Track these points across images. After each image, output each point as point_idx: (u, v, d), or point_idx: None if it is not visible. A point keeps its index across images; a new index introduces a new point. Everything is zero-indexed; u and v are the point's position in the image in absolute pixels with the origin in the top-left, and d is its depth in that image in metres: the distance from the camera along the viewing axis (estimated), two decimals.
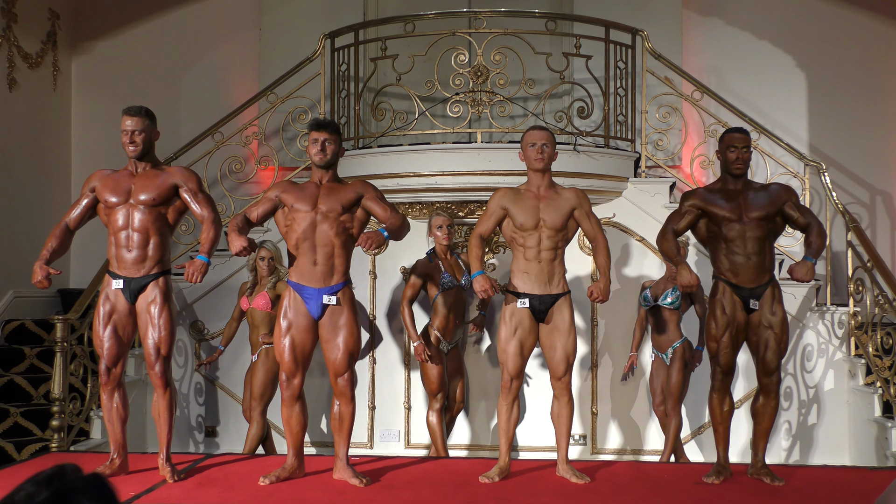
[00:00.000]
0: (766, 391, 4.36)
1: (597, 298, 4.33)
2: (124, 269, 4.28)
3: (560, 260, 4.35)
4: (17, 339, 6.37)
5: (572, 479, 4.34)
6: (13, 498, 1.32)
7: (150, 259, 4.28)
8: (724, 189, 4.39)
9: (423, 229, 6.23)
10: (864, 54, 7.18)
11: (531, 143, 4.33)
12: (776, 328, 4.29)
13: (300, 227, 4.16)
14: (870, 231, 6.98)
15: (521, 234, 4.29)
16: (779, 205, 4.32)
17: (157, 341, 4.24)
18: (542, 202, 4.31)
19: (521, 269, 4.32)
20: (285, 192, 4.24)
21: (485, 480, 4.30)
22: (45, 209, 7.17)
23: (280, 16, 7.48)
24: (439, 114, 6.36)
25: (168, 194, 4.30)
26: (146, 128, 4.26)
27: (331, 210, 4.16)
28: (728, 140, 4.38)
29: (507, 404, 4.37)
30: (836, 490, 4.29)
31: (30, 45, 6.96)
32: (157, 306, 4.25)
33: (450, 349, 5.76)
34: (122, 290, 4.28)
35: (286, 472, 4.30)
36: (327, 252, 4.18)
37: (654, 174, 6.58)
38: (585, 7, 7.03)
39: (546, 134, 4.36)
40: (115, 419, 4.37)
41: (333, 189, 4.24)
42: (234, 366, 6.31)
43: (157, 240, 4.29)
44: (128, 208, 4.26)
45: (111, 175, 4.37)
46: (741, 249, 4.27)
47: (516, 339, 4.29)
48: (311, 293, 4.19)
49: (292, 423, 4.31)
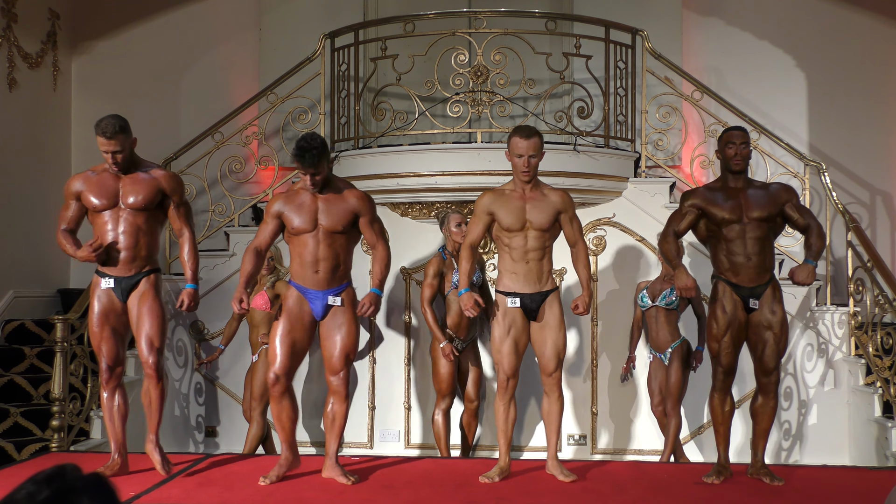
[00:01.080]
0: (764, 391, 4.36)
1: (582, 313, 4.35)
2: (113, 269, 4.29)
3: (548, 258, 4.34)
4: (17, 339, 6.37)
5: (559, 477, 4.36)
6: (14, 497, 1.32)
7: (140, 258, 4.30)
8: (724, 188, 4.39)
9: (422, 229, 6.25)
10: (865, 54, 7.18)
11: (517, 154, 4.24)
12: (776, 328, 4.29)
13: (301, 245, 4.21)
14: (870, 231, 6.98)
15: (508, 235, 4.28)
16: (779, 205, 4.31)
17: (149, 334, 4.26)
18: (529, 203, 4.28)
19: (510, 270, 4.31)
20: (285, 209, 4.22)
21: (485, 480, 4.30)
22: (45, 209, 7.16)
23: (280, 16, 7.48)
24: (439, 114, 6.36)
25: (156, 199, 4.31)
26: (124, 144, 4.18)
27: (331, 229, 4.18)
28: (726, 137, 4.40)
29: (505, 404, 4.36)
30: (836, 490, 4.29)
31: (30, 45, 6.95)
32: (148, 301, 4.28)
33: (464, 347, 5.74)
34: (112, 290, 4.29)
35: (283, 468, 4.31)
36: (329, 264, 4.22)
37: (654, 174, 6.58)
38: (585, 7, 7.03)
39: (532, 143, 4.23)
40: (117, 418, 4.38)
41: (332, 202, 4.21)
42: (234, 366, 6.31)
43: (146, 239, 4.31)
44: (116, 211, 4.26)
45: (94, 178, 4.31)
46: (741, 249, 4.27)
47: (510, 338, 4.29)
48: (316, 295, 4.22)
49: (283, 418, 4.29)
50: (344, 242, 4.25)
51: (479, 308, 4.27)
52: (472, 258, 4.36)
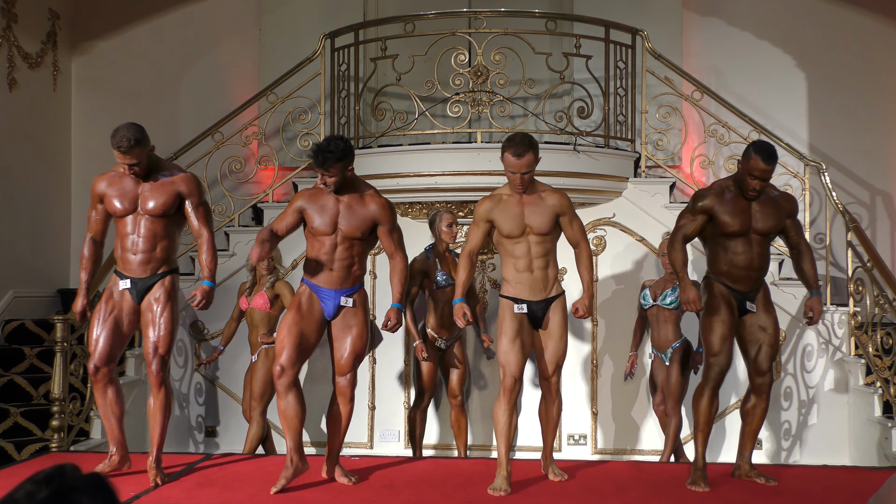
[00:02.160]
0: (758, 391, 4.35)
1: (582, 316, 4.32)
2: (131, 270, 4.28)
3: (553, 265, 4.28)
4: (17, 339, 6.37)
5: (550, 476, 4.37)
6: (13, 496, 1.32)
7: (157, 260, 4.29)
8: (735, 198, 4.27)
9: (422, 229, 6.23)
10: (865, 55, 7.18)
11: (510, 171, 4.16)
12: (770, 329, 4.30)
13: (319, 245, 4.19)
14: (870, 231, 6.97)
15: (510, 242, 4.22)
16: (783, 218, 4.31)
17: (155, 340, 4.23)
18: (527, 208, 4.21)
19: (515, 280, 4.24)
20: (308, 207, 4.21)
21: (497, 494, 4.08)
22: (45, 209, 7.17)
23: (280, 16, 7.48)
24: (439, 114, 6.36)
25: (174, 204, 4.29)
26: (141, 156, 4.17)
27: (350, 234, 4.17)
28: (753, 166, 4.14)
29: (508, 409, 4.20)
30: (836, 490, 4.29)
31: (30, 45, 6.95)
32: (161, 305, 4.25)
33: (447, 346, 5.76)
34: (129, 290, 4.28)
35: (290, 471, 4.14)
36: (345, 264, 4.21)
37: (654, 174, 6.58)
38: (585, 7, 7.02)
39: (525, 161, 4.10)
40: (111, 415, 4.34)
41: (352, 208, 4.20)
42: (234, 366, 6.30)
43: (165, 243, 4.30)
44: (135, 216, 4.26)
45: (116, 178, 4.30)
46: (745, 262, 4.25)
47: (519, 339, 4.21)
48: (329, 294, 4.20)
49: (289, 415, 4.12)
50: (361, 247, 4.25)
51: (467, 322, 4.21)
52: (471, 267, 4.29)
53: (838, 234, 6.40)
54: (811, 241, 6.34)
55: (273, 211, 6.49)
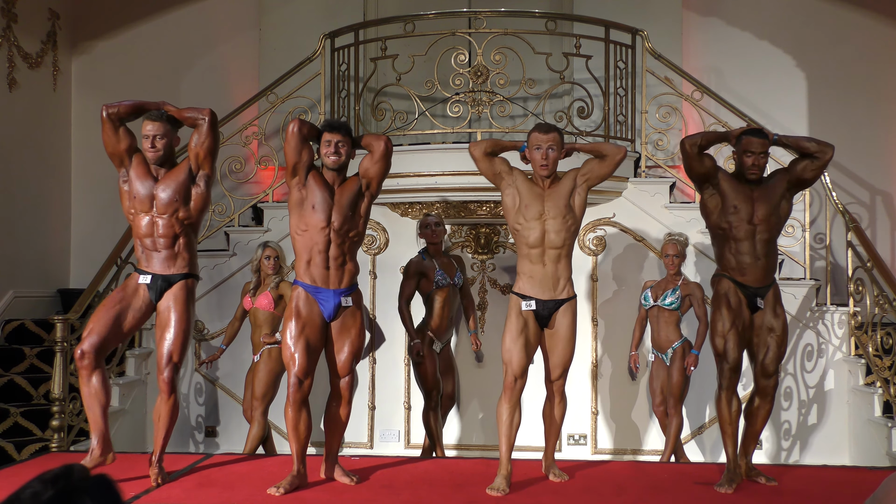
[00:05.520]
0: (763, 393, 4.35)
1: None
2: (152, 268, 4.25)
3: (566, 262, 4.24)
4: (17, 339, 6.37)
5: (550, 477, 4.37)
6: (20, 495, 1.33)
7: (180, 257, 4.25)
8: (738, 186, 4.28)
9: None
10: (865, 54, 7.18)
11: (536, 146, 4.18)
12: (778, 331, 4.29)
13: (312, 239, 4.15)
14: (870, 231, 6.98)
15: (525, 226, 4.18)
16: (784, 180, 4.30)
17: (170, 348, 4.17)
18: (547, 191, 4.22)
19: (527, 273, 4.23)
20: (312, 185, 4.18)
21: (496, 494, 4.07)
22: (46, 209, 7.17)
23: (280, 16, 7.48)
24: (439, 114, 6.36)
25: (187, 184, 4.23)
26: (167, 132, 4.20)
27: (342, 226, 4.16)
28: (746, 144, 4.23)
29: (510, 407, 4.20)
30: (836, 490, 4.29)
31: (30, 45, 6.95)
32: (178, 312, 4.19)
33: (442, 348, 5.77)
34: (148, 286, 4.24)
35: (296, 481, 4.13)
36: (338, 262, 4.20)
37: (654, 174, 6.59)
38: (585, 7, 7.03)
39: (552, 136, 4.17)
40: (95, 404, 4.13)
41: (344, 194, 4.20)
42: (235, 366, 6.30)
43: (184, 240, 4.27)
44: (152, 217, 4.22)
45: (141, 167, 4.26)
46: (750, 250, 4.25)
47: (522, 337, 4.19)
48: (327, 295, 4.18)
49: (300, 429, 4.14)
50: (351, 243, 4.23)
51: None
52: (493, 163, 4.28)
53: (838, 234, 6.41)
54: (811, 241, 6.35)
55: (273, 211, 6.49)
